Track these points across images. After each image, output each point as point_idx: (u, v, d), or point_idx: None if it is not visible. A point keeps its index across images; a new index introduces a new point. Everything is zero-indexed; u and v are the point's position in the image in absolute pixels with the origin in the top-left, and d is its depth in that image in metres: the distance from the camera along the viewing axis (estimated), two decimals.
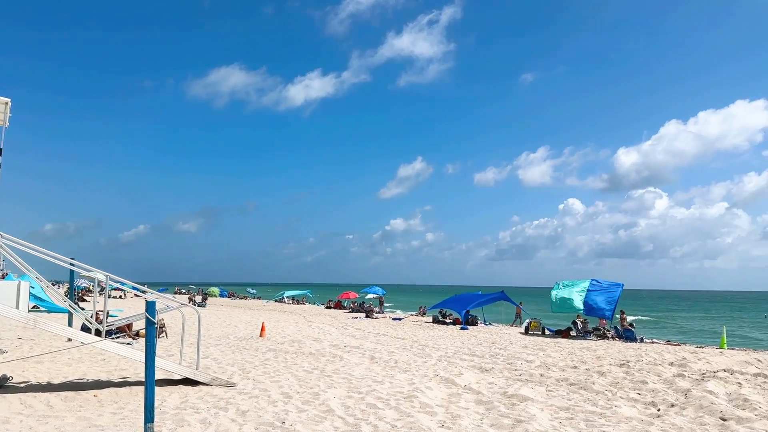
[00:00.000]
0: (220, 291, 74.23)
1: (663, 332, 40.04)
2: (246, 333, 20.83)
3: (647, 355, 17.47)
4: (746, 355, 18.73)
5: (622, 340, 24.12)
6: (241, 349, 15.79)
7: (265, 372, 11.77)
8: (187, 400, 8.81)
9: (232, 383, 10.31)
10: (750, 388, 11.23)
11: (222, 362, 13.08)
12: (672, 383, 11.53)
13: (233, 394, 9.38)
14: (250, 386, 10.15)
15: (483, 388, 10.48)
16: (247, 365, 12.68)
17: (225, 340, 18.00)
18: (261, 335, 19.46)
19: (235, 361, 13.36)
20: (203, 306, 44.01)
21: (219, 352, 15.02)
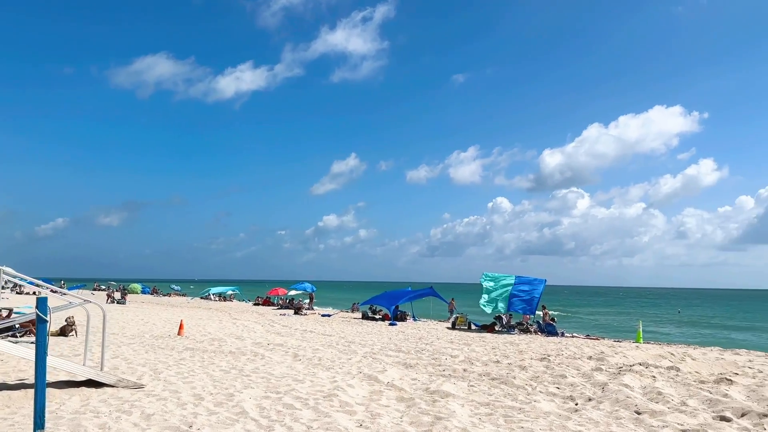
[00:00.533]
0: (143, 287, 71.33)
1: (583, 327, 41.49)
2: (164, 331, 19.90)
3: (567, 349, 17.88)
4: (660, 348, 19.53)
5: (544, 334, 24.68)
6: (155, 348, 14.99)
7: (178, 372, 11.15)
8: (88, 404, 8.15)
9: (140, 385, 9.67)
10: (663, 381, 11.59)
11: (133, 362, 12.33)
12: (590, 377, 11.75)
13: (140, 397, 8.77)
14: (159, 388, 9.55)
15: (406, 385, 10.29)
16: (160, 365, 12.00)
17: (140, 339, 17.09)
18: (179, 333, 18.63)
19: (147, 360, 12.62)
20: (122, 303, 42.07)
21: (131, 351, 14.20)
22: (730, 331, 44.81)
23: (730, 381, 11.44)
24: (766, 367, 15.00)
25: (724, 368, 14.46)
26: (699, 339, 35.25)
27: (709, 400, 9.36)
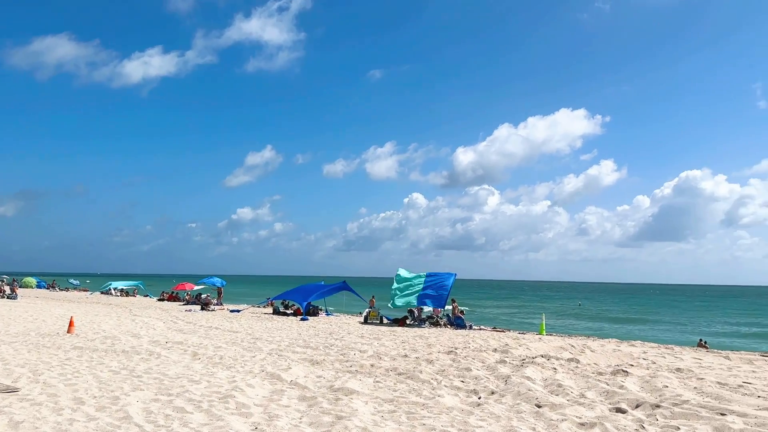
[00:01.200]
0: (38, 281, 66.58)
1: (491, 319, 42.65)
2: (53, 328, 18.42)
3: (474, 341, 18.11)
4: (562, 340, 20.20)
5: (453, 327, 25.03)
6: (40, 347, 13.77)
7: (61, 374, 10.21)
8: None
9: (14, 388, 8.74)
10: (564, 373, 11.85)
11: (11, 363, 11.21)
12: (494, 370, 11.84)
13: (12, 402, 7.90)
14: (36, 391, 8.66)
15: (310, 383, 9.91)
16: (42, 366, 10.97)
17: (24, 337, 15.69)
18: (69, 331, 17.28)
19: (27, 361, 11.52)
20: (13, 298, 38.94)
21: (12, 351, 12.96)
22: (626, 323, 47.61)
23: (626, 372, 11.86)
24: (659, 358, 15.80)
25: (621, 360, 15.08)
26: (598, 331, 37.13)
27: (606, 392, 9.61)
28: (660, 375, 11.80)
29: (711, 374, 12.66)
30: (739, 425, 7.26)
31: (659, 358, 15.78)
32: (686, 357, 16.38)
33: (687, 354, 17.25)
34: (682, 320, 53.49)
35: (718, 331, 42.33)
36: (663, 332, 40.64)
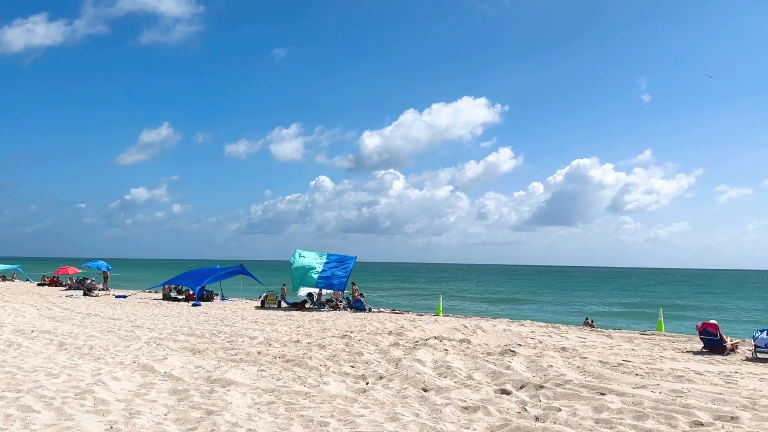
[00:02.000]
0: None
1: (392, 301, 42.96)
2: None
3: (371, 324, 17.89)
4: (457, 321, 20.44)
5: (352, 310, 24.77)
6: None
7: None
8: None
9: None
10: (454, 354, 11.82)
11: None
12: (387, 353, 11.60)
13: None
14: None
15: (186, 374, 9.18)
16: None
17: None
18: None
19: None
20: None
21: None
22: (518, 303, 49.51)
23: (513, 352, 12.01)
24: (546, 337, 16.26)
25: (510, 340, 15.37)
26: (492, 311, 38.32)
27: (493, 373, 9.59)
28: (546, 354, 12.04)
29: (594, 353, 13.11)
30: (617, 404, 7.37)
31: (546, 338, 16.25)
32: (572, 336, 17.00)
33: (573, 333, 17.93)
34: (570, 300, 56.53)
35: (602, 311, 44.97)
36: (552, 312, 42.65)
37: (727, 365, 11.79)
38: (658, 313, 22.31)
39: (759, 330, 12.91)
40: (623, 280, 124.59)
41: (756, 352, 12.85)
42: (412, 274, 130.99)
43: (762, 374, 10.65)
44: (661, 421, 6.62)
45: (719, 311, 44.53)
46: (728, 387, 8.91)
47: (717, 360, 12.50)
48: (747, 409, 7.21)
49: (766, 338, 12.49)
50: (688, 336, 17.95)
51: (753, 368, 11.43)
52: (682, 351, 14.03)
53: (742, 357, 13.16)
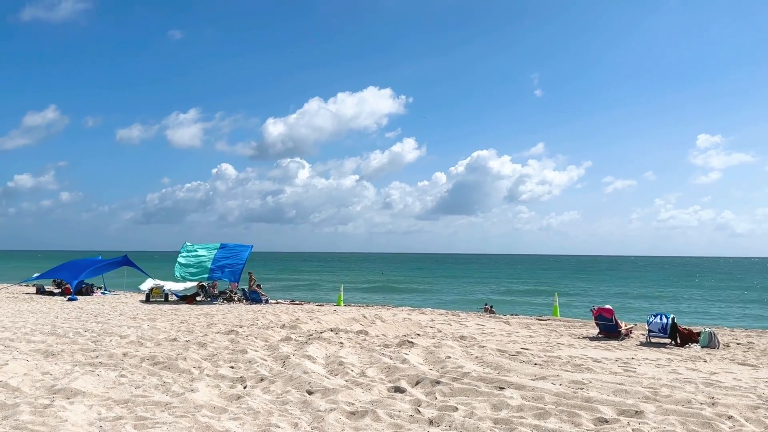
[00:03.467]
0: None
1: (293, 292, 41.70)
2: None
3: (265, 317, 16.72)
4: (357, 311, 19.66)
5: (248, 302, 23.41)
6: None
7: None
8: None
9: None
10: (350, 348, 10.97)
11: None
12: (275, 349, 10.56)
13: None
14: None
15: (27, 383, 7.68)
16: None
17: None
18: None
19: None
20: None
21: None
22: (420, 293, 49.63)
23: (411, 343, 11.33)
24: (445, 326, 15.82)
25: (409, 329, 14.76)
26: (395, 300, 38.03)
27: (388, 368, 8.81)
28: (444, 344, 11.47)
29: (492, 341, 12.73)
30: (517, 400, 6.77)
31: (446, 326, 15.81)
32: (471, 323, 16.70)
33: (472, 320, 17.67)
34: (470, 287, 57.67)
35: (501, 298, 45.99)
36: (452, 299, 43.09)
37: (623, 351, 11.74)
38: (553, 299, 22.67)
39: (653, 314, 13.04)
40: (519, 265, 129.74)
41: (649, 336, 12.96)
42: (316, 264, 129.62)
43: (657, 360, 10.60)
44: (564, 419, 6.06)
45: (609, 296, 46.81)
46: (628, 376, 8.63)
47: (613, 346, 12.46)
48: (649, 400, 6.84)
49: (659, 323, 12.60)
50: (584, 321, 18.19)
51: (648, 353, 11.42)
52: (579, 337, 13.99)
53: (636, 342, 13.26)
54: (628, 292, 51.95)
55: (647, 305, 37.79)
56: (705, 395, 7.13)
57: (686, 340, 12.47)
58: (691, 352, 11.70)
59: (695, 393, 7.29)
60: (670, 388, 7.54)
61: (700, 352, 11.70)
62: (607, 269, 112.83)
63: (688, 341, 12.45)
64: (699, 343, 12.34)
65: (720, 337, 12.74)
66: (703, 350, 11.93)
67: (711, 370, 9.38)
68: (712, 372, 9.19)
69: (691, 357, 10.97)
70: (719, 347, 12.22)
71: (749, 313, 34.50)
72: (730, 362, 10.49)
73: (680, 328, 12.70)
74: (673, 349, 12.17)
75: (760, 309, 37.48)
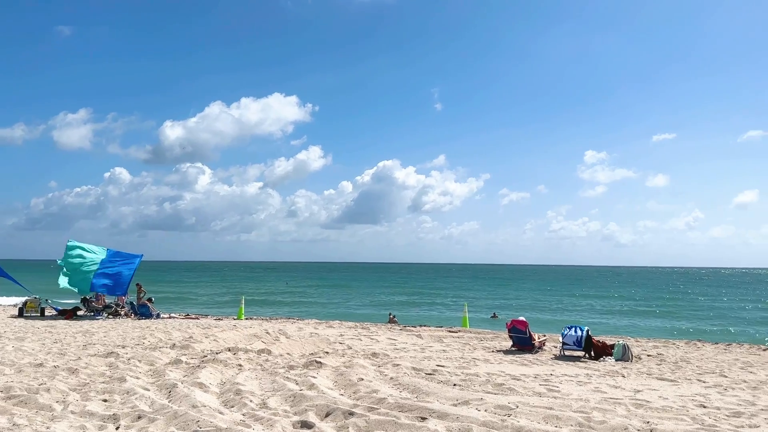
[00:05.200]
0: None
1: (189, 305, 39.20)
2: None
3: (153, 335, 15.02)
4: (259, 326, 18.29)
5: (136, 317, 21.34)
6: None
7: None
8: None
9: None
10: (250, 371, 9.75)
11: None
12: (161, 375, 9.15)
13: None
14: None
15: None
16: None
17: None
18: None
19: None
20: None
21: None
22: (325, 304, 48.29)
23: (319, 364, 10.27)
24: (355, 341, 14.86)
25: (317, 346, 13.67)
26: (301, 312, 36.65)
27: (293, 396, 7.70)
28: (355, 364, 10.50)
29: (406, 358, 11.91)
30: None
31: (356, 341, 14.86)
32: (382, 338, 15.84)
33: (382, 334, 16.83)
34: (377, 296, 57.17)
35: (407, 309, 45.72)
36: (359, 307, 42.29)
37: (540, 366, 11.28)
38: (463, 309, 22.32)
39: (567, 327, 12.75)
40: (422, 274, 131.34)
41: (563, 349, 12.65)
42: (217, 274, 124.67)
43: (576, 375, 10.18)
44: None
45: (516, 304, 47.80)
46: (554, 397, 8.03)
47: (528, 360, 12.00)
48: (584, 428, 6.20)
49: (574, 335, 12.31)
50: (494, 332, 17.87)
51: (565, 368, 11.01)
52: (493, 350, 13.49)
53: (550, 355, 12.91)
54: (529, 299, 53.41)
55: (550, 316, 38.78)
56: (639, 419, 6.61)
57: (600, 353, 12.25)
58: (607, 366, 11.44)
59: (629, 417, 6.76)
60: (601, 412, 6.97)
61: (615, 365, 11.47)
62: (511, 278, 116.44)
63: (602, 354, 12.24)
64: (613, 356, 12.15)
65: (632, 349, 12.63)
66: (618, 363, 11.73)
67: (634, 387, 9.02)
68: (635, 389, 8.81)
69: (609, 372, 10.67)
70: (632, 360, 12.08)
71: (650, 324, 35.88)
72: (648, 377, 10.25)
73: (594, 340, 12.48)
74: (588, 363, 11.88)
75: (655, 319, 39.39)
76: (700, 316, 40.80)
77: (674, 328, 32.19)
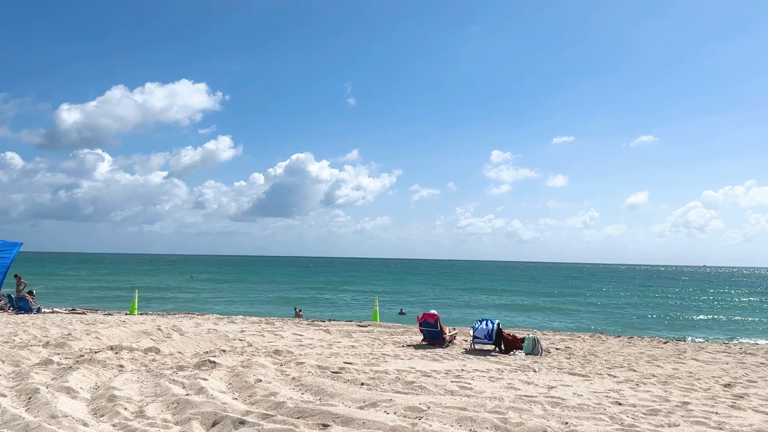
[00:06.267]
0: None
1: (77, 298, 36.29)
2: None
3: (27, 332, 13.32)
4: (152, 322, 16.84)
5: (13, 311, 19.18)
6: None
7: None
8: None
9: None
10: (131, 373, 8.63)
11: None
12: (24, 379, 7.87)
13: None
14: None
15: None
16: None
17: None
18: None
19: None
20: None
21: None
22: (229, 300, 46.28)
23: (213, 363, 9.29)
24: (257, 337, 13.87)
25: (214, 344, 12.58)
26: (203, 306, 34.82)
27: (177, 402, 6.71)
28: (254, 363, 9.58)
29: (312, 355, 11.10)
30: None
31: (258, 337, 13.88)
32: (287, 333, 14.94)
33: (288, 330, 15.92)
34: (285, 290, 55.74)
35: (314, 302, 44.83)
36: (265, 303, 40.87)
37: (451, 361, 10.82)
38: (374, 302, 21.77)
39: (478, 320, 12.42)
40: (336, 269, 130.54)
41: (474, 342, 12.31)
42: (115, 266, 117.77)
43: (488, 371, 9.79)
44: None
45: (417, 300, 47.98)
46: (467, 396, 7.51)
47: (439, 355, 11.54)
48: (500, 430, 5.69)
49: (485, 328, 11.99)
50: (405, 326, 17.41)
51: (476, 363, 10.62)
52: (403, 345, 12.95)
53: (461, 349, 12.54)
54: (433, 296, 53.93)
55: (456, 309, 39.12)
56: (557, 420, 6.19)
57: (510, 347, 12.01)
58: (518, 360, 11.18)
59: (546, 417, 6.33)
60: (517, 412, 6.51)
61: (526, 359, 11.23)
62: (422, 272, 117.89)
63: (512, 348, 12.00)
64: (523, 350, 11.94)
65: (541, 343, 12.48)
66: (529, 357, 11.51)
67: (547, 383, 8.70)
68: (549, 386, 8.49)
69: (520, 367, 10.37)
70: (542, 354, 11.92)
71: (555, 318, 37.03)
72: (560, 371, 10.03)
73: (505, 333, 12.23)
74: (499, 357, 11.59)
75: (559, 314, 40.70)
76: (596, 309, 42.64)
77: (577, 322, 33.32)
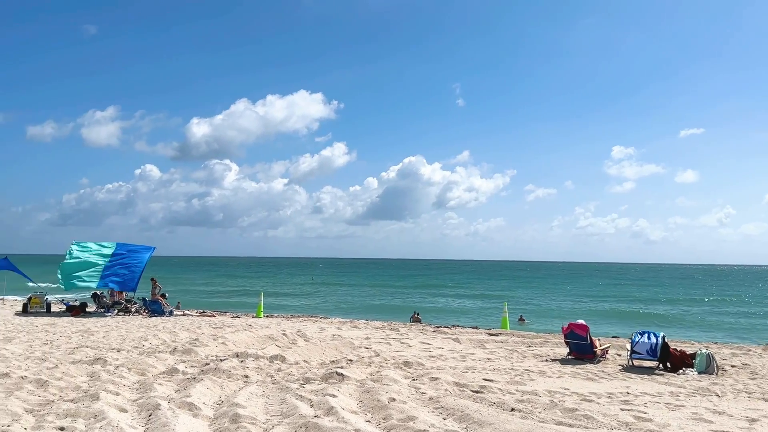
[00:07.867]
0: None
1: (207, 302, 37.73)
2: None
3: (156, 337, 13.37)
4: (277, 326, 16.59)
5: (147, 313, 19.83)
6: None
7: None
8: None
9: None
10: (257, 385, 7.98)
11: None
12: (147, 390, 7.40)
13: None
14: None
15: None
16: None
17: None
18: None
19: None
20: None
21: None
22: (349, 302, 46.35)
23: (341, 376, 8.44)
24: (383, 345, 12.99)
25: (340, 351, 11.83)
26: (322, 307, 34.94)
27: (305, 427, 5.86)
28: (385, 377, 8.62)
29: (446, 368, 9.97)
30: None
31: (384, 345, 12.99)
32: (414, 341, 13.93)
33: (414, 337, 14.92)
34: (403, 294, 55.20)
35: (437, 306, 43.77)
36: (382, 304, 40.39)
37: (610, 381, 9.25)
38: (503, 309, 20.26)
39: (638, 333, 10.67)
40: (450, 271, 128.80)
41: (632, 358, 10.58)
42: (243, 269, 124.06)
43: (660, 394, 8.15)
44: None
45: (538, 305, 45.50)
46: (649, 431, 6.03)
47: (593, 372, 9.96)
48: None
49: (647, 342, 10.24)
50: (541, 336, 15.81)
51: (642, 384, 8.97)
52: (546, 359, 11.46)
53: (616, 365, 10.85)
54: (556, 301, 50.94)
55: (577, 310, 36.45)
56: None
57: (678, 365, 10.17)
58: (691, 381, 9.36)
59: None
60: None
61: (701, 380, 9.39)
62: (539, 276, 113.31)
63: (680, 366, 10.15)
64: (695, 367, 10.06)
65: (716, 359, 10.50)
66: (703, 377, 9.65)
67: (743, 414, 6.96)
68: (749, 418, 6.76)
69: (698, 390, 8.59)
70: (717, 373, 9.99)
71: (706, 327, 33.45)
72: (750, 397, 8.17)
73: (671, 349, 10.39)
74: (666, 376, 9.82)
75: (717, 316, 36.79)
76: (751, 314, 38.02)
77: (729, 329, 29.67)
